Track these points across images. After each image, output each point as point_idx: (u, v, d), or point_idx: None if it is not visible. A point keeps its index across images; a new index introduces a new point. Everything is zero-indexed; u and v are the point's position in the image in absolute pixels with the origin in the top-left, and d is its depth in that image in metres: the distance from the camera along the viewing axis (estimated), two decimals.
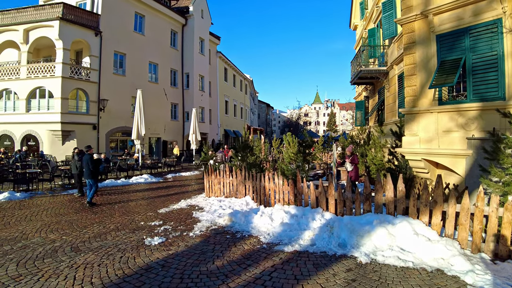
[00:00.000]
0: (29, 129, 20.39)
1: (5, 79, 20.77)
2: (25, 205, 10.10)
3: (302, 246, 5.88)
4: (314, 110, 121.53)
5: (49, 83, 19.62)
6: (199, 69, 31.02)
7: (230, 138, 42.31)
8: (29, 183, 12.90)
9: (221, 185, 10.61)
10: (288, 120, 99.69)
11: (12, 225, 7.69)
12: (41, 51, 22.78)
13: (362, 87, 21.34)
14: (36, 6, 20.61)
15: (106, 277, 4.70)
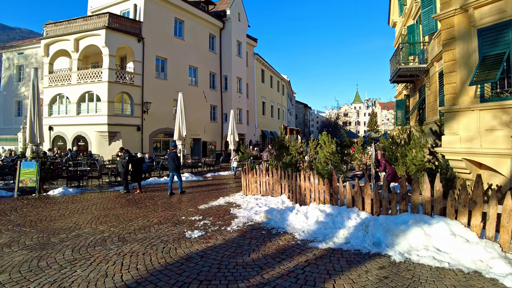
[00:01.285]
0: (79, 130, 21.95)
1: (59, 85, 22.52)
2: (77, 199, 11.05)
3: (336, 244, 5.99)
4: (354, 110, 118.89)
5: (97, 88, 21.01)
6: (237, 72, 31.61)
7: (267, 138, 42.61)
8: (80, 180, 14.05)
9: (258, 184, 10.89)
10: (326, 120, 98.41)
11: (67, 216, 8.49)
12: (89, 58, 24.39)
13: (402, 86, 20.77)
14: (85, 16, 22.15)
15: (150, 265, 5.14)
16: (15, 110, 33.58)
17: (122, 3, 24.44)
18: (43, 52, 23.50)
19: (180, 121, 19.29)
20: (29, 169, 12.10)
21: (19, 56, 33.29)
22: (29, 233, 6.86)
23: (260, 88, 40.50)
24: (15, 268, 4.97)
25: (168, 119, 24.56)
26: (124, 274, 4.75)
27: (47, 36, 23.16)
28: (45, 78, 23.10)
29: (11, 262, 5.22)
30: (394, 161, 12.38)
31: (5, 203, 10.16)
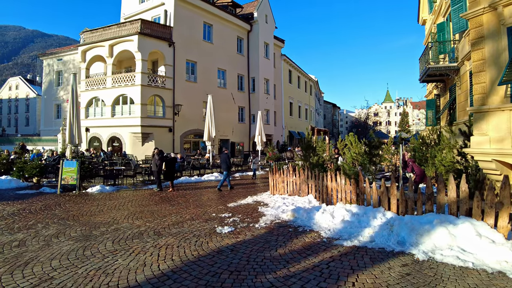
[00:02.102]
0: (114, 131, 23.02)
1: (95, 89, 23.75)
2: (113, 196, 11.76)
3: (361, 242, 6.17)
4: (385, 110, 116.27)
5: (130, 91, 21.97)
6: (264, 73, 31.94)
7: (294, 139, 42.65)
8: (115, 179, 14.84)
9: (285, 184, 11.14)
10: (356, 121, 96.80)
11: (105, 212, 9.12)
12: (123, 62, 25.50)
13: (432, 85, 20.33)
14: (119, 23, 23.21)
15: (184, 256, 5.56)
16: (54, 112, 35.54)
17: (153, 9, 25.40)
18: (81, 58, 24.86)
19: (209, 122, 19.87)
20: (70, 168, 12.96)
21: (58, 62, 35.22)
22: (73, 226, 7.50)
23: (287, 89, 40.64)
24: (64, 256, 5.54)
25: (198, 120, 25.27)
26: (161, 264, 5.19)
27: (84, 43, 24.47)
28: (82, 83, 24.40)
29: (60, 250, 5.81)
30: (424, 162, 12.25)
31: (50, 199, 10.99)
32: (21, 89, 67.55)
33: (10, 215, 8.53)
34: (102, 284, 4.44)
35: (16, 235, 6.77)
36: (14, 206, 9.68)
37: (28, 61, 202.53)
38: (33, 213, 8.87)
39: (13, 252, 5.72)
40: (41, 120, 38.71)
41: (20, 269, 4.95)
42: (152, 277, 4.67)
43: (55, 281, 4.53)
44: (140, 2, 26.94)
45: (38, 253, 5.66)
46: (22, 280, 4.59)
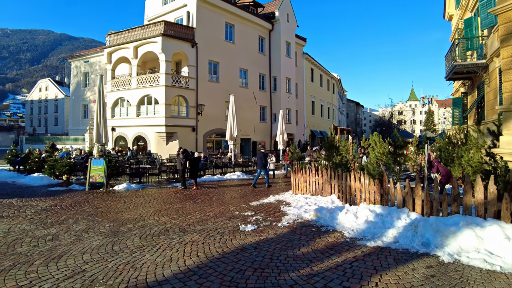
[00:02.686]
0: (139, 131, 23.62)
1: (120, 89, 24.42)
2: (139, 194, 12.09)
3: (384, 243, 6.13)
4: (409, 108, 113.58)
5: (154, 92, 22.47)
6: (286, 72, 31.89)
7: (316, 138, 42.37)
8: (141, 177, 15.26)
9: (307, 183, 11.14)
10: (380, 119, 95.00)
11: (132, 209, 9.41)
12: (147, 64, 26.10)
13: (459, 83, 19.75)
14: (143, 25, 23.78)
15: (209, 253, 5.71)
16: (82, 113, 36.78)
17: (176, 11, 25.88)
18: (106, 60, 25.63)
19: (231, 122, 20.07)
20: (98, 166, 13.42)
21: (85, 64, 36.40)
22: (101, 222, 7.81)
23: (309, 88, 40.42)
24: (94, 250, 5.80)
25: (220, 120, 25.55)
26: (187, 260, 5.35)
27: (110, 45, 25.19)
28: (108, 83, 25.14)
29: (90, 245, 6.08)
30: (450, 163, 11.96)
31: (79, 196, 11.43)
32: (50, 90, 70.20)
33: (43, 211, 8.96)
34: (131, 278, 4.62)
35: (49, 229, 7.12)
36: (46, 202, 10.15)
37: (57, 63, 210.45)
38: (64, 209, 9.28)
39: (48, 246, 6.03)
40: (69, 120, 40.18)
41: (54, 262, 5.23)
42: (179, 273, 4.83)
43: (87, 274, 4.77)
44: (163, 4, 27.49)
45: (70, 247, 5.95)
46: (57, 271, 4.85)
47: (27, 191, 12.33)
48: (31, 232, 6.93)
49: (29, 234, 6.74)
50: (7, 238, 6.46)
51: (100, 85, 13.93)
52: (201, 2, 24.42)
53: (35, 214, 8.54)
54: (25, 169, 17.11)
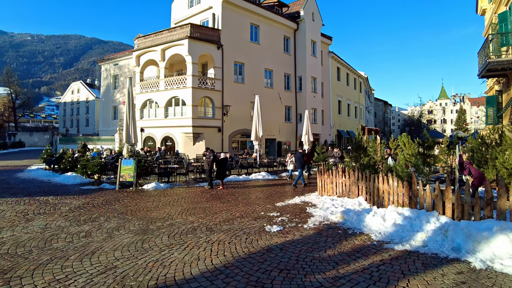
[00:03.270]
0: (167, 132, 24.16)
1: (148, 91, 25.08)
2: (167, 193, 12.40)
3: (412, 246, 6.00)
4: (440, 107, 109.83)
5: (182, 93, 22.92)
6: (312, 71, 31.65)
7: (343, 138, 41.79)
8: (169, 176, 15.60)
9: (334, 185, 11.02)
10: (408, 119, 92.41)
11: (160, 208, 9.68)
12: (174, 66, 26.66)
13: (493, 80, 18.94)
14: (169, 28, 24.27)
15: (235, 252, 5.80)
16: (111, 114, 38.01)
17: (201, 13, 26.27)
18: (135, 63, 26.39)
19: (256, 122, 20.15)
20: (128, 166, 13.84)
21: (114, 67, 37.61)
22: (131, 220, 8.08)
23: (335, 87, 39.94)
24: (125, 247, 6.02)
25: (245, 120, 25.71)
26: (214, 259, 5.47)
27: (138, 48, 25.90)
28: (137, 86, 25.86)
29: (121, 242, 6.31)
30: (483, 164, 11.52)
31: (109, 195, 11.85)
32: (82, 92, 72.94)
33: (77, 208, 9.36)
34: (160, 275, 4.77)
35: (82, 226, 7.45)
36: (79, 200, 10.59)
37: (88, 67, 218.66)
38: (96, 207, 9.65)
39: (81, 242, 6.32)
40: (100, 121, 41.63)
41: (88, 257, 5.48)
42: (206, 271, 4.94)
43: (119, 270, 4.97)
44: (189, 7, 27.97)
45: (102, 244, 6.21)
46: (90, 267, 5.09)
47: (61, 189, 12.91)
48: (66, 228, 7.28)
49: (64, 231, 7.09)
50: (44, 234, 6.81)
51: (129, 87, 14.37)
52: (226, 4, 24.67)
53: (69, 212, 8.94)
54: (59, 168, 17.87)
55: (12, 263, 5.22)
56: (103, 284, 4.47)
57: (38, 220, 7.96)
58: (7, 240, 6.41)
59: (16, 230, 7.11)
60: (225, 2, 24.53)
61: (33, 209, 9.17)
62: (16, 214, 8.54)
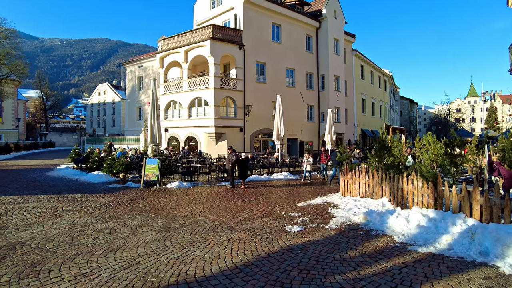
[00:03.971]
0: (190, 132, 24.52)
1: (172, 92, 25.54)
2: (190, 192, 12.61)
3: (437, 249, 5.84)
4: (468, 105, 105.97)
5: (204, 94, 23.19)
6: (335, 70, 31.28)
7: (367, 138, 41.06)
8: (192, 175, 15.84)
9: (357, 185, 10.85)
10: (435, 117, 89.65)
11: (183, 206, 9.87)
12: (197, 67, 26.97)
13: None
14: (192, 30, 24.57)
15: (255, 251, 5.84)
16: (137, 114, 38.92)
17: (223, 14, 26.45)
18: (159, 64, 26.92)
19: (278, 122, 20.12)
20: (152, 165, 14.15)
21: (139, 69, 38.48)
22: (154, 218, 8.27)
23: (359, 85, 39.28)
24: (148, 244, 6.19)
25: (267, 120, 25.70)
26: (234, 257, 5.53)
27: (161, 50, 26.42)
28: (161, 87, 26.36)
29: (144, 239, 6.48)
30: None
31: (134, 193, 12.15)
32: (108, 94, 75.05)
33: (102, 206, 9.67)
34: (181, 272, 4.87)
35: (107, 223, 7.70)
36: (105, 198, 10.93)
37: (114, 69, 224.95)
38: (121, 205, 9.93)
39: (106, 238, 6.54)
40: (125, 121, 42.72)
41: (112, 253, 5.67)
42: (226, 269, 4.99)
43: (141, 266, 5.11)
44: (211, 8, 28.24)
45: (126, 240, 6.39)
46: (114, 262, 5.26)
47: (88, 188, 13.36)
48: (92, 225, 7.54)
49: (90, 227, 7.35)
50: (72, 230, 7.09)
51: (154, 88, 14.68)
52: (247, 4, 24.75)
53: (95, 209, 9.25)
54: (86, 167, 18.46)
55: (41, 257, 5.47)
56: (126, 279, 4.62)
57: (66, 217, 8.29)
58: (37, 235, 6.72)
59: (45, 225, 7.44)
60: (246, 3, 24.62)
61: (61, 206, 9.55)
62: (46, 211, 8.93)
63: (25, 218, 8.13)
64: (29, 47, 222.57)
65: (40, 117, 76.23)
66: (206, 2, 28.76)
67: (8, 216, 8.32)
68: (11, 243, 6.19)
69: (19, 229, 7.11)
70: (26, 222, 7.70)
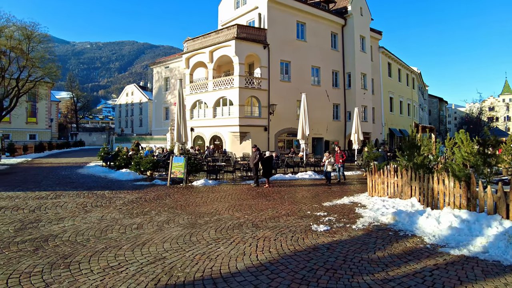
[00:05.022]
0: (215, 131, 24.76)
1: (198, 92, 25.88)
2: (215, 190, 12.74)
3: (471, 252, 5.59)
4: (503, 103, 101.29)
5: (229, 93, 23.36)
6: (361, 67, 30.70)
7: (395, 137, 40.03)
8: (217, 173, 16.05)
9: (385, 185, 10.58)
10: (466, 116, 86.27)
11: (208, 203, 9.99)
12: (222, 67, 27.19)
13: None
14: (217, 30, 24.81)
15: (281, 249, 5.80)
16: (163, 114, 39.67)
17: (248, 14, 26.53)
18: (185, 65, 27.35)
19: (303, 121, 19.94)
20: (178, 163, 14.38)
21: (165, 70, 39.20)
22: (180, 215, 8.40)
23: (386, 83, 38.36)
24: (174, 240, 6.29)
25: (291, 119, 25.55)
26: (259, 254, 5.51)
27: (187, 51, 26.79)
28: (187, 87, 26.76)
29: (170, 235, 6.59)
30: None
31: (161, 190, 12.39)
32: (136, 95, 76.98)
33: (130, 202, 9.92)
34: (206, 268, 4.91)
35: (135, 219, 7.88)
36: (132, 195, 11.19)
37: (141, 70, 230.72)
38: (148, 201, 10.15)
39: (133, 233, 6.70)
40: (152, 121, 43.63)
41: (139, 248, 5.80)
42: (251, 266, 4.98)
43: (167, 261, 5.19)
44: (235, 8, 28.38)
45: (152, 236, 6.52)
46: (141, 257, 5.37)
47: (116, 185, 13.73)
48: (119, 220, 7.75)
49: (118, 222, 7.56)
50: (101, 225, 7.31)
51: (180, 88, 14.93)
52: (272, 3, 24.70)
53: (123, 205, 9.49)
54: (115, 165, 19.00)
55: (72, 249, 5.68)
56: (152, 273, 4.70)
57: (95, 212, 8.56)
58: (68, 228, 6.98)
59: (76, 220, 7.72)
60: (271, 1, 24.57)
61: (91, 202, 9.88)
62: (76, 206, 9.27)
63: (57, 212, 8.48)
64: (61, 51, 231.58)
65: (71, 117, 79.28)
66: (230, 2, 28.95)
67: (41, 210, 8.70)
68: (44, 235, 6.46)
69: (51, 223, 7.42)
70: (58, 216, 8.03)
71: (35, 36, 30.07)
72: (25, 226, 7.13)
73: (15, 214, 8.23)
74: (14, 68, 29.76)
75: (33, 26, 30.15)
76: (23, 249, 5.66)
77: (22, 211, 8.51)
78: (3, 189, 11.93)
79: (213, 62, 24.89)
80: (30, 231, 6.72)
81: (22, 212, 8.40)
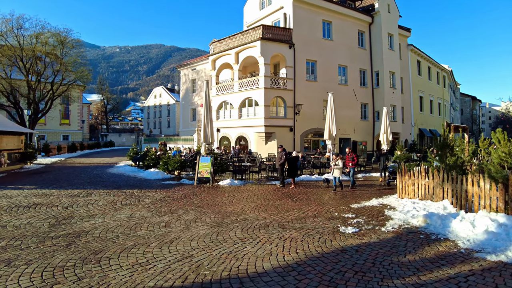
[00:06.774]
0: (241, 131, 24.87)
1: (224, 93, 26.09)
2: (241, 189, 12.83)
3: (509, 258, 5.30)
4: None
5: (255, 94, 23.39)
6: (389, 66, 29.93)
7: (425, 138, 38.76)
8: (243, 174, 16.16)
9: (415, 187, 10.25)
10: (502, 115, 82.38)
11: (234, 203, 10.07)
12: (247, 68, 27.26)
13: None
14: (242, 31, 24.93)
15: (308, 250, 5.74)
16: (190, 115, 40.26)
17: (273, 14, 26.48)
18: (211, 67, 27.66)
19: (330, 121, 19.62)
20: (205, 163, 14.58)
21: (192, 72, 39.78)
22: (207, 214, 8.52)
23: (416, 82, 37.20)
24: (201, 238, 6.39)
25: (318, 119, 25.27)
26: (286, 255, 5.48)
27: (213, 52, 27.08)
28: (213, 88, 27.04)
29: (197, 233, 6.70)
30: None
31: (188, 189, 12.60)
32: (163, 97, 78.69)
33: (158, 201, 10.14)
34: (233, 267, 4.93)
35: (163, 217, 8.05)
36: (160, 194, 11.44)
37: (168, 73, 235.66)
38: (175, 200, 10.35)
39: (161, 231, 6.84)
40: (180, 122, 44.41)
41: (167, 246, 5.91)
42: (278, 267, 4.96)
43: (194, 259, 5.27)
44: (260, 9, 28.40)
45: (180, 234, 6.64)
46: (168, 254, 5.48)
47: (145, 184, 14.07)
48: (148, 218, 7.95)
49: (146, 220, 7.75)
50: (130, 222, 7.52)
51: (206, 90, 15.13)
52: (297, 3, 24.53)
53: (151, 204, 9.72)
54: (143, 165, 19.48)
55: (102, 246, 5.87)
56: (180, 271, 4.78)
57: (124, 210, 8.82)
58: (99, 225, 7.23)
59: (106, 217, 7.98)
60: (296, 1, 24.42)
61: (120, 200, 10.18)
62: (106, 204, 9.59)
63: (89, 210, 8.80)
64: (92, 55, 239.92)
65: (102, 119, 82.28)
66: (255, 3, 29.00)
67: (74, 207, 9.06)
68: (76, 231, 6.72)
69: (83, 220, 7.71)
70: (89, 214, 8.34)
71: (68, 41, 31.29)
72: (58, 222, 7.45)
73: (50, 210, 8.62)
74: (49, 73, 31.09)
75: (66, 32, 31.42)
76: (57, 244, 5.92)
77: (56, 208, 8.90)
78: (39, 187, 12.52)
79: (239, 63, 25.02)
80: (63, 227, 7.02)
81: (56, 209, 8.78)
